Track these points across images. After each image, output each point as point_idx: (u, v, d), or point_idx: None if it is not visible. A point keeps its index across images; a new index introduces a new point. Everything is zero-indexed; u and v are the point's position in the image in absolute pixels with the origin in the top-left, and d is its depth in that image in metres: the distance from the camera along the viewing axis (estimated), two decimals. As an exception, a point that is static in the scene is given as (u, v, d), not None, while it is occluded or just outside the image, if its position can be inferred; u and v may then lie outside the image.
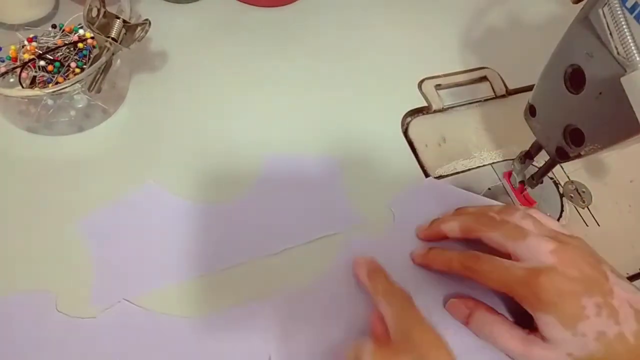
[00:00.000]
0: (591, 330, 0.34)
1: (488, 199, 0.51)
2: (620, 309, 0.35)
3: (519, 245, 0.38)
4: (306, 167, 0.52)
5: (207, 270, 0.45)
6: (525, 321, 0.39)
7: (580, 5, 0.37)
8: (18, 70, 0.51)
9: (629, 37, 0.31)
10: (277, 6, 0.66)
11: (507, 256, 0.39)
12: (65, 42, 0.53)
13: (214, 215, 0.48)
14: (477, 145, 0.57)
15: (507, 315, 0.42)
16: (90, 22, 0.46)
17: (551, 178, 0.55)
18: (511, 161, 0.55)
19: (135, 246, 0.45)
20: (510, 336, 0.38)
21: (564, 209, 0.54)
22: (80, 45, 0.53)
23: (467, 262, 0.40)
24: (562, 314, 0.35)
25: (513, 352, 0.37)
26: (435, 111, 0.59)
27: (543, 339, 0.36)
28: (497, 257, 0.39)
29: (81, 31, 0.55)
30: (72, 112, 0.51)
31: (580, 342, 0.34)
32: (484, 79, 0.63)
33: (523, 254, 0.38)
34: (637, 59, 0.31)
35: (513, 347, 0.37)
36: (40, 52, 0.52)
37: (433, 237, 0.46)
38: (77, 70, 0.52)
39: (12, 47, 0.52)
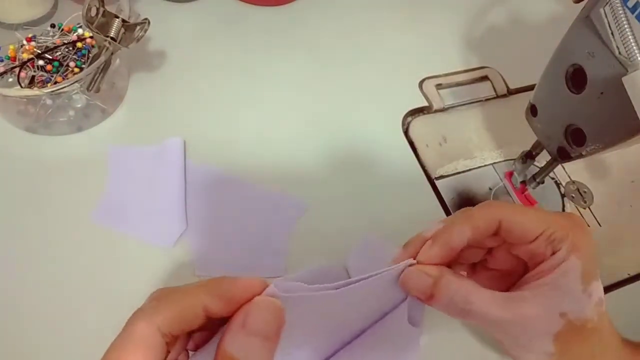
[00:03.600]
0: (597, 294, 0.31)
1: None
2: None
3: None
4: None
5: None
6: None
7: (582, 4, 0.36)
8: (17, 69, 0.51)
9: (630, 37, 0.31)
10: (276, 5, 0.65)
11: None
12: (64, 41, 0.53)
13: None
14: (478, 145, 0.57)
15: None
16: (89, 22, 0.46)
17: (552, 178, 0.55)
18: (512, 161, 0.55)
19: None
20: (491, 299, 0.30)
21: (565, 209, 0.53)
22: (79, 44, 0.53)
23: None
24: (588, 264, 0.31)
25: (495, 318, 0.30)
26: (436, 111, 0.59)
27: (536, 290, 0.31)
28: None
29: (80, 30, 0.54)
30: (71, 112, 0.51)
31: (584, 302, 0.31)
32: (485, 78, 0.62)
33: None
34: (639, 58, 0.31)
35: (495, 312, 0.30)
36: (39, 51, 0.52)
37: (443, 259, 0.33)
38: (76, 69, 0.52)
39: (11, 46, 0.52)
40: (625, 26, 0.31)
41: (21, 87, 0.50)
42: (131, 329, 0.25)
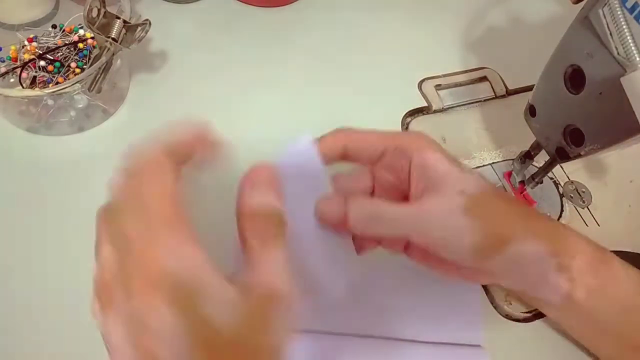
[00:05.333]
0: (474, 170, 0.35)
1: None
2: None
3: None
4: None
5: None
6: None
7: (580, 5, 0.37)
8: (18, 70, 0.51)
9: (628, 37, 0.31)
10: (276, 6, 0.66)
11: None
12: (66, 42, 0.54)
13: None
14: (477, 146, 0.57)
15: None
16: (90, 22, 0.46)
17: (551, 178, 0.55)
18: (511, 161, 0.55)
19: None
20: (394, 204, 0.33)
21: (564, 209, 0.54)
22: (80, 45, 0.53)
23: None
24: (443, 152, 0.35)
25: (404, 218, 0.33)
26: (435, 111, 0.59)
27: (429, 189, 0.33)
28: None
29: (81, 31, 0.55)
30: (73, 113, 0.51)
31: (471, 177, 0.34)
32: (484, 79, 0.63)
33: None
34: (637, 59, 0.31)
35: (402, 211, 0.33)
36: (41, 52, 0.52)
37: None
38: (77, 70, 0.52)
39: (13, 47, 0.52)
40: (624, 27, 0.32)
41: (23, 87, 0.51)
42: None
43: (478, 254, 0.33)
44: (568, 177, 0.56)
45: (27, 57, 0.52)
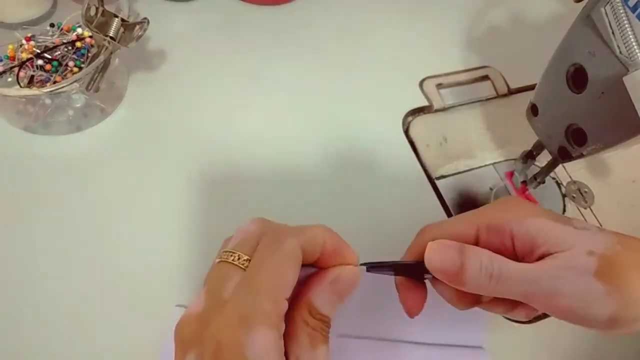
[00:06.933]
0: (590, 225, 0.30)
1: None
2: None
3: None
4: None
5: None
6: None
7: (583, 4, 0.36)
8: (16, 69, 0.51)
9: (631, 36, 0.31)
10: (275, 4, 0.65)
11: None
12: (64, 41, 0.53)
13: None
14: (479, 145, 0.57)
15: None
16: (88, 21, 0.46)
17: (553, 178, 0.55)
18: (513, 161, 0.55)
19: None
20: (514, 261, 0.29)
21: (566, 209, 0.53)
22: (78, 44, 0.53)
23: None
24: (548, 213, 0.31)
25: (529, 277, 0.28)
26: (436, 110, 0.59)
27: (545, 253, 0.29)
28: None
29: (79, 30, 0.54)
30: (70, 112, 0.51)
31: (594, 235, 0.29)
32: (485, 78, 0.62)
33: None
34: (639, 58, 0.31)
35: (528, 272, 0.28)
36: (38, 51, 0.52)
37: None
38: (75, 69, 0.52)
39: (10, 46, 0.52)
40: (626, 25, 0.31)
41: (20, 86, 0.50)
42: (282, 241, 0.28)
43: (615, 324, 0.29)
44: (570, 177, 0.55)
45: (24, 56, 0.52)
